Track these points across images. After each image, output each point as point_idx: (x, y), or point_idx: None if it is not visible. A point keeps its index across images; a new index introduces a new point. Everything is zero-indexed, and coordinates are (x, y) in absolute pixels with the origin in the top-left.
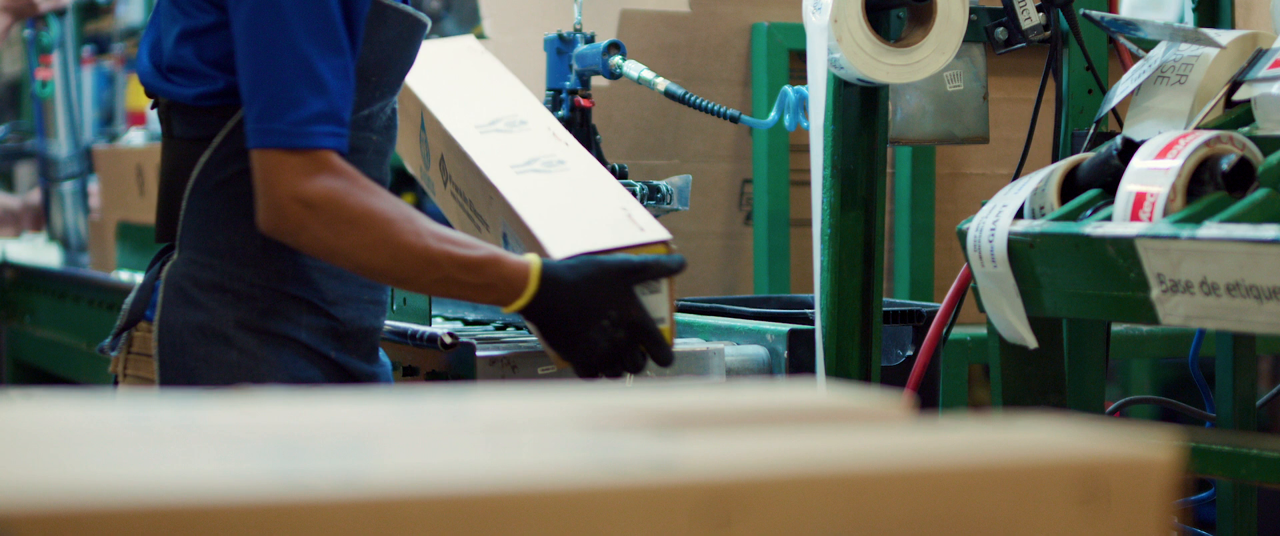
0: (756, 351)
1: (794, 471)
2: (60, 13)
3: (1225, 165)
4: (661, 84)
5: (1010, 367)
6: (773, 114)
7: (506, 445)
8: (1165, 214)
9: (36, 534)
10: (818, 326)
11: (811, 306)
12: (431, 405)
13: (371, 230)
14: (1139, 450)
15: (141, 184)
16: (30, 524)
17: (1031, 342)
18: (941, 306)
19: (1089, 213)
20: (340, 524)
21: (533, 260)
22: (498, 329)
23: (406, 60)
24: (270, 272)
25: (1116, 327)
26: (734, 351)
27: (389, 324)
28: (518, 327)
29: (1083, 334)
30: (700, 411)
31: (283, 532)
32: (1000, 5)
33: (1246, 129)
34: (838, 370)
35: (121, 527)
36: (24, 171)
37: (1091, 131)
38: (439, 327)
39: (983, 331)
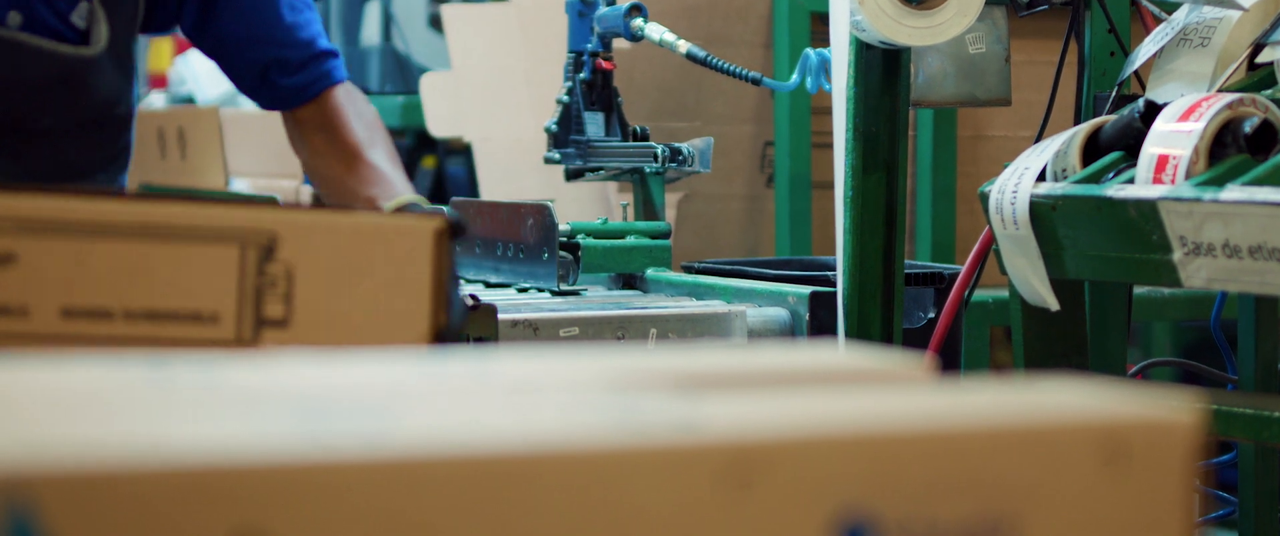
0: (778, 313)
1: (817, 432)
2: None
3: (1248, 128)
4: (683, 46)
5: (1032, 330)
6: (794, 76)
7: (529, 406)
8: (1188, 176)
9: (58, 495)
10: (839, 289)
11: (833, 268)
12: (455, 366)
13: None
14: (1162, 412)
15: (163, 147)
16: (52, 485)
17: (1053, 305)
18: (963, 269)
19: (1111, 175)
20: (365, 485)
21: None
22: (519, 291)
23: None
24: None
25: (1138, 290)
26: (755, 313)
27: None
28: (539, 290)
29: (1105, 296)
30: (723, 373)
31: (307, 494)
32: None
33: (1269, 92)
34: (859, 332)
35: (145, 489)
36: None
37: (1114, 94)
38: (461, 289)
39: (1004, 294)
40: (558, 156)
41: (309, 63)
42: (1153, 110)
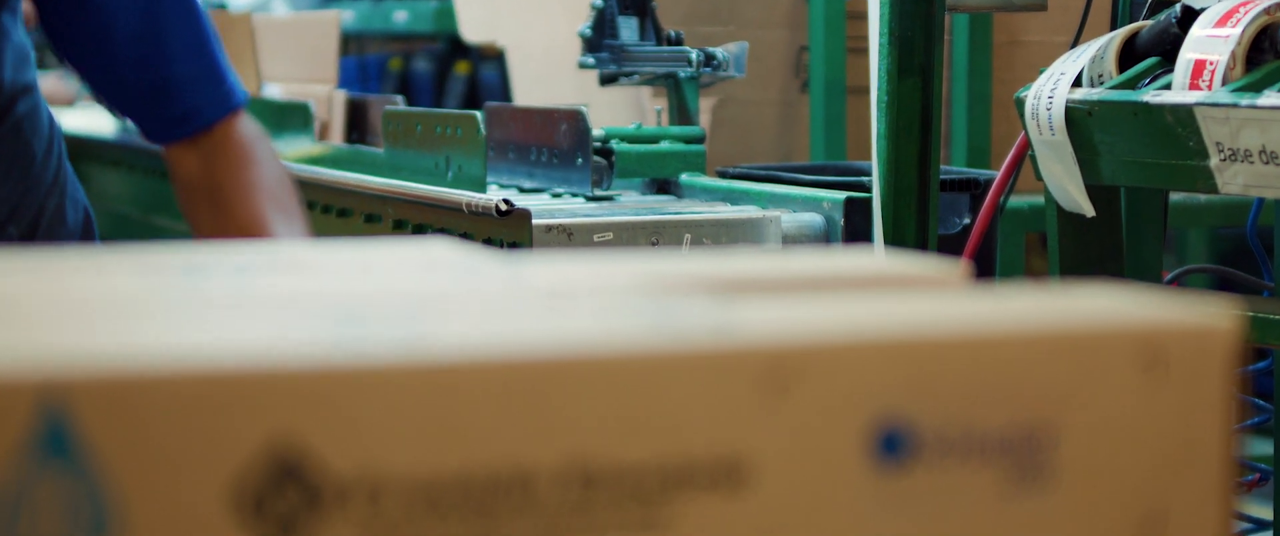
0: (813, 219)
1: (853, 337)
2: None
3: None
4: None
5: (1067, 236)
6: None
7: (565, 311)
8: (1224, 82)
9: (92, 401)
10: (875, 194)
11: (868, 173)
12: (489, 272)
13: None
14: (1200, 318)
15: None
16: (86, 391)
17: (1089, 211)
18: (999, 175)
19: (1148, 81)
20: (399, 390)
21: None
22: (553, 196)
23: None
24: None
25: (1174, 197)
26: (790, 219)
27: (444, 192)
28: (573, 195)
29: (1140, 202)
30: (758, 278)
31: (341, 400)
32: None
33: None
34: (894, 238)
35: (179, 393)
36: None
37: None
38: (494, 195)
39: (1040, 200)
40: (592, 61)
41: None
42: (1189, 15)
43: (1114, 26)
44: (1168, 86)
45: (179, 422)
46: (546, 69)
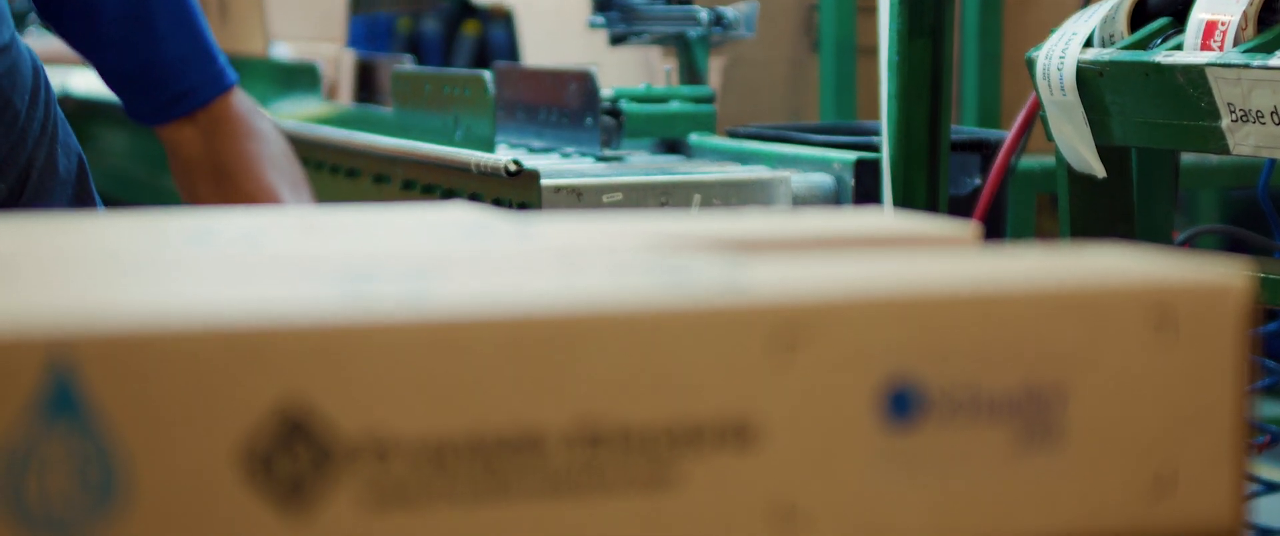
0: (823, 180)
1: (864, 295)
2: None
3: None
4: None
5: (1078, 198)
6: None
7: (575, 270)
8: (1236, 43)
9: (100, 359)
10: (884, 155)
11: (879, 133)
12: (499, 232)
13: None
14: (1211, 277)
15: (223, 10)
16: (93, 349)
17: (1100, 172)
18: (1009, 135)
19: (1159, 41)
20: (409, 348)
21: None
22: (562, 156)
23: None
24: None
25: (1185, 158)
26: (800, 180)
27: (452, 152)
28: (583, 155)
29: (1152, 164)
30: (769, 237)
31: (348, 357)
32: None
33: None
34: (904, 199)
35: (187, 351)
36: None
37: None
38: (503, 155)
39: (1051, 161)
40: (601, 21)
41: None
42: None
43: None
44: (1179, 47)
45: (186, 381)
46: (555, 29)
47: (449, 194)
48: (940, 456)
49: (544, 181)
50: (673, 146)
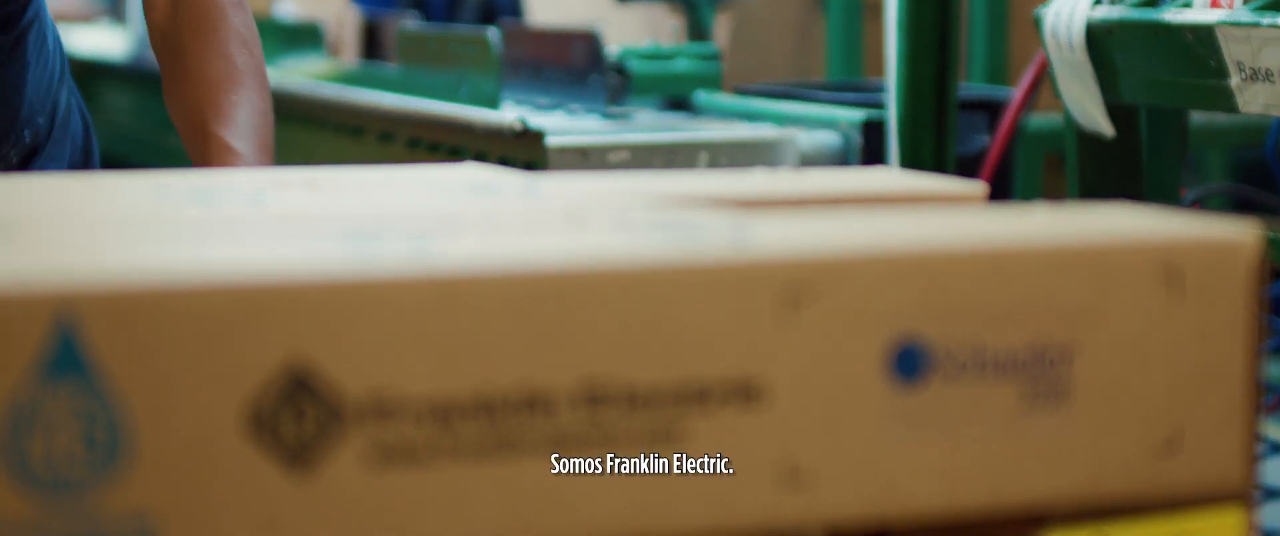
0: (830, 138)
1: (870, 253)
2: None
3: None
4: None
5: (1086, 156)
6: None
7: (582, 227)
8: (1246, 1)
9: (105, 318)
10: (891, 114)
11: (885, 91)
12: (505, 190)
13: None
14: (1220, 236)
15: None
16: (98, 307)
17: (1108, 131)
18: (1017, 94)
19: None
20: (413, 304)
21: None
22: (568, 113)
23: None
24: None
25: (1193, 117)
26: (807, 139)
27: (457, 110)
28: (589, 112)
29: (1160, 123)
30: (775, 195)
31: (352, 315)
32: None
33: None
34: (912, 158)
35: (190, 310)
36: None
37: None
38: (508, 113)
39: (1059, 120)
40: None
41: None
42: None
43: None
44: (1188, 5)
45: (191, 339)
46: None
47: (454, 152)
48: (946, 415)
49: (550, 141)
50: (679, 105)
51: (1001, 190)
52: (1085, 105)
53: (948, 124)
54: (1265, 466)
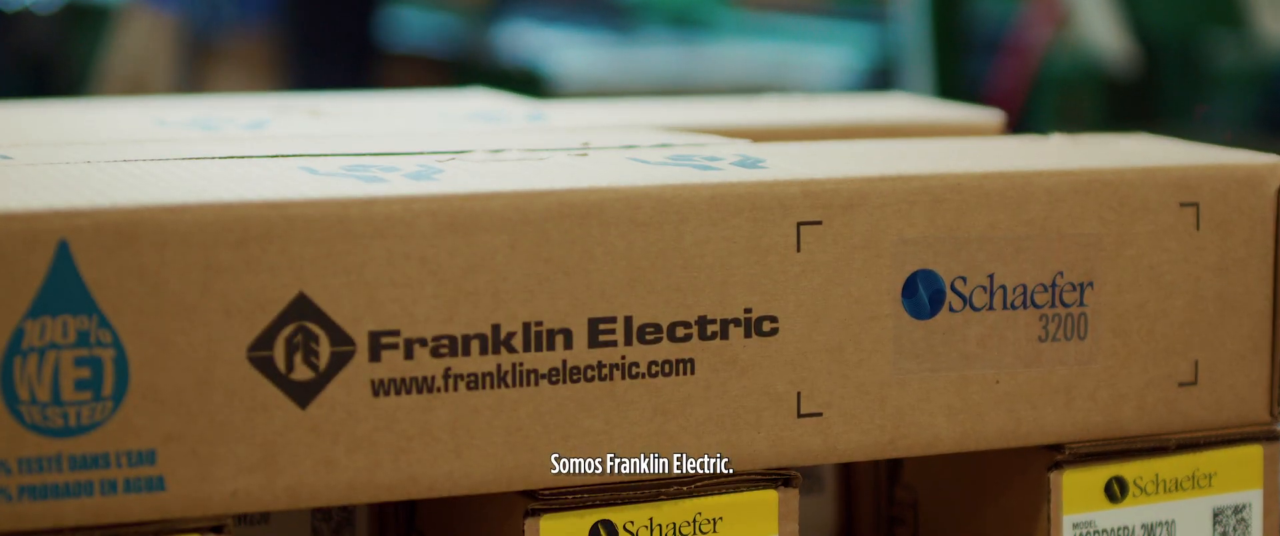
0: (846, 63)
1: (885, 181)
2: None
3: None
4: None
5: (1105, 87)
6: None
7: (591, 155)
8: None
9: (104, 246)
10: (910, 41)
11: (902, 17)
12: (513, 117)
13: None
14: (1242, 164)
15: None
16: (97, 234)
17: (1128, 62)
18: (1036, 23)
19: None
20: (420, 229)
21: None
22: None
23: None
24: None
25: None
26: (823, 62)
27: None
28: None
29: (1182, 55)
30: (790, 124)
31: (358, 240)
32: None
33: None
34: (928, 86)
35: (193, 238)
36: None
37: None
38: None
39: (1078, 50)
40: None
41: None
42: None
43: None
44: None
45: (193, 269)
46: None
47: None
48: (960, 346)
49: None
50: (693, 23)
51: (1019, 119)
52: (1104, 36)
53: (964, 51)
54: None
